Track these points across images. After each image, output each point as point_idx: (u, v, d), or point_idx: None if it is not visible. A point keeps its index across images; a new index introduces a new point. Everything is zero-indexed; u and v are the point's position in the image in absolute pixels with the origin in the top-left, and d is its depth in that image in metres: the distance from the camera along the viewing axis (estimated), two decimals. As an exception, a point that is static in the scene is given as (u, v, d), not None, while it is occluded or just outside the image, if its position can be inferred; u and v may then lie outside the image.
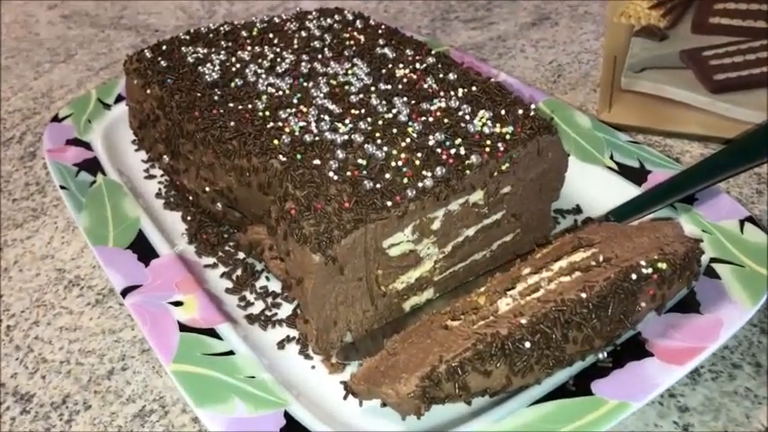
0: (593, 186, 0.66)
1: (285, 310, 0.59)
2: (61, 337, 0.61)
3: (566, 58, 0.94)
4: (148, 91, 0.68)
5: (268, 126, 0.58)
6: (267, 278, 0.61)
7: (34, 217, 0.74)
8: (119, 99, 0.82)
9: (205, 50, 0.70)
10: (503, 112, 0.59)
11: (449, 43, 0.99)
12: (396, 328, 0.56)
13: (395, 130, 0.57)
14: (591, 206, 0.66)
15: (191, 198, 0.68)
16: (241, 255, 0.64)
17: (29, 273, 0.68)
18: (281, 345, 0.56)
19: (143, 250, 0.61)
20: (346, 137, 0.56)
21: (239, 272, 0.62)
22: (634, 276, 0.49)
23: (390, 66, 0.65)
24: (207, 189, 0.63)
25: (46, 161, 0.72)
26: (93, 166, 0.72)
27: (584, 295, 0.47)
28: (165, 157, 0.69)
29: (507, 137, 0.56)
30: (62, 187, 0.68)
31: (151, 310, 0.55)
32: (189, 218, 0.67)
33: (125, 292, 0.57)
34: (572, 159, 0.62)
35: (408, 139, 0.56)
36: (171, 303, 0.56)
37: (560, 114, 0.73)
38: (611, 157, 0.68)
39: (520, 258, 0.54)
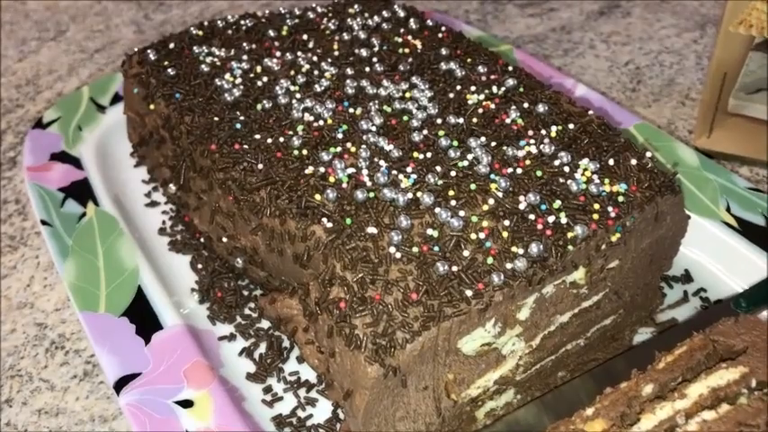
0: (707, 247, 0.53)
1: (322, 407, 0.46)
2: (39, 424, 0.48)
3: (644, 59, 0.80)
4: (152, 106, 0.54)
5: (306, 171, 0.45)
6: (299, 359, 0.49)
7: (12, 248, 0.61)
8: (116, 98, 0.68)
9: (222, 53, 0.56)
10: (611, 161, 0.45)
11: (503, 33, 0.85)
12: (467, 444, 0.44)
13: (473, 186, 0.44)
14: (703, 273, 0.53)
15: (202, 240, 0.55)
16: (265, 322, 0.51)
17: (3, 328, 0.55)
18: (319, 465, 0.43)
19: (143, 317, 0.49)
20: (410, 195, 0.43)
21: (263, 348, 0.49)
22: (805, 417, 0.36)
23: (459, 88, 0.51)
24: (224, 239, 0.50)
25: (26, 183, 0.59)
26: (82, 191, 0.59)
27: (742, 448, 0.35)
28: (171, 186, 0.56)
29: (620, 198, 0.43)
30: (44, 222, 0.55)
31: (152, 414, 0.43)
32: (200, 266, 0.55)
33: (120, 384, 0.44)
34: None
35: (492, 200, 0.43)
36: (178, 403, 0.43)
37: (658, 146, 0.59)
38: (728, 210, 0.54)
39: (637, 369, 0.41)
